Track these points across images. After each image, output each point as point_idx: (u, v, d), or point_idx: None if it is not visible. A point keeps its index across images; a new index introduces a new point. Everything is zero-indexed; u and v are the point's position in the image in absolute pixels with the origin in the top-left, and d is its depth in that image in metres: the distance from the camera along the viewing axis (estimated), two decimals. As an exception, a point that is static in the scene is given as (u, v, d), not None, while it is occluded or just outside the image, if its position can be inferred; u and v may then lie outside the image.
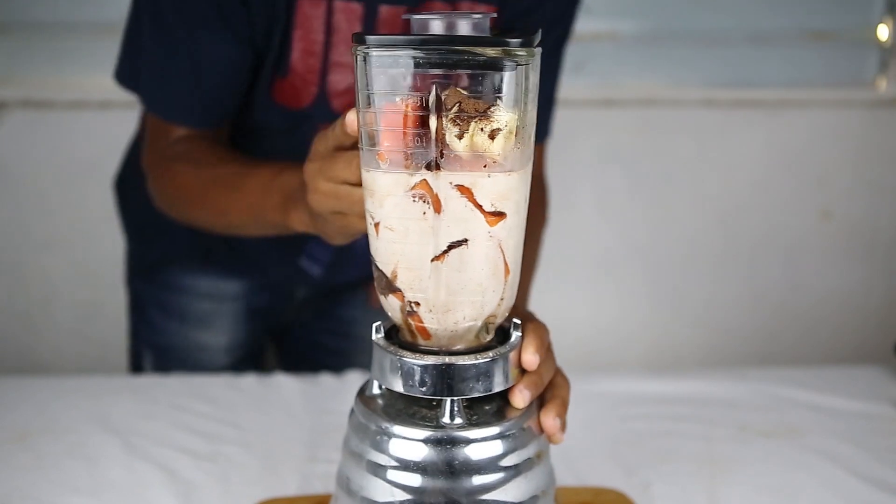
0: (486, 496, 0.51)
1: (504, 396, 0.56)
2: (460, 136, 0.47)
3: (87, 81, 1.58)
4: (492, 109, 0.47)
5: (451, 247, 0.49)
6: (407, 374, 0.51)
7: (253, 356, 1.11)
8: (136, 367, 1.10)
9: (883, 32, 1.67)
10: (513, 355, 0.54)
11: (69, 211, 1.68)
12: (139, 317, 1.09)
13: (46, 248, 1.70)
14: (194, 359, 1.05)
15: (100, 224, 1.68)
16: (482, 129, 0.47)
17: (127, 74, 0.88)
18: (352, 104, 0.51)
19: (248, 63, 0.82)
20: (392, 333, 0.55)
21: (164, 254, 1.04)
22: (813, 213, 1.77)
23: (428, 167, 0.48)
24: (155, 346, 1.07)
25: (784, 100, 1.70)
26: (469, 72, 0.47)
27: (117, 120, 1.60)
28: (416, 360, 0.51)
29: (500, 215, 0.49)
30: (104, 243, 1.69)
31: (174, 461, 0.80)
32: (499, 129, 0.47)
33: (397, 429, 0.52)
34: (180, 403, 0.91)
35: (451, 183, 0.48)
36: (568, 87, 1.70)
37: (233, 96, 0.84)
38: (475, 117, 0.47)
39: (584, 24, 1.69)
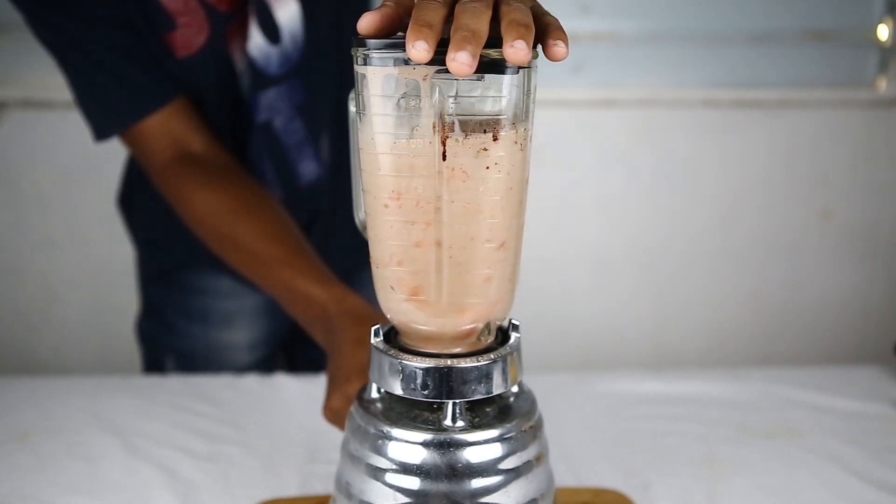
0: (486, 499, 0.51)
1: (504, 398, 0.55)
2: (463, 139, 0.47)
3: (87, 81, 1.58)
4: (496, 112, 0.47)
5: (454, 249, 0.49)
6: (408, 378, 0.51)
7: (273, 355, 1.11)
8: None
9: (883, 32, 1.67)
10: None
11: (69, 211, 1.68)
12: (158, 323, 1.08)
13: (46, 248, 1.70)
14: (218, 359, 1.04)
15: (99, 224, 1.68)
16: (485, 132, 0.47)
17: (98, 126, 0.89)
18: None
19: (142, 36, 0.84)
20: (391, 336, 0.55)
21: (181, 259, 1.04)
22: (813, 213, 1.77)
23: (431, 170, 0.48)
24: (178, 351, 1.06)
25: (784, 100, 1.70)
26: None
27: (117, 120, 1.61)
28: (417, 363, 0.51)
29: (503, 217, 0.49)
30: (104, 243, 1.70)
31: (174, 461, 0.80)
32: (502, 132, 0.47)
33: (397, 432, 0.52)
34: (180, 403, 0.91)
35: (454, 185, 0.48)
36: (568, 87, 1.71)
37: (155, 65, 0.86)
38: (479, 120, 0.47)
39: (584, 24, 1.70)
